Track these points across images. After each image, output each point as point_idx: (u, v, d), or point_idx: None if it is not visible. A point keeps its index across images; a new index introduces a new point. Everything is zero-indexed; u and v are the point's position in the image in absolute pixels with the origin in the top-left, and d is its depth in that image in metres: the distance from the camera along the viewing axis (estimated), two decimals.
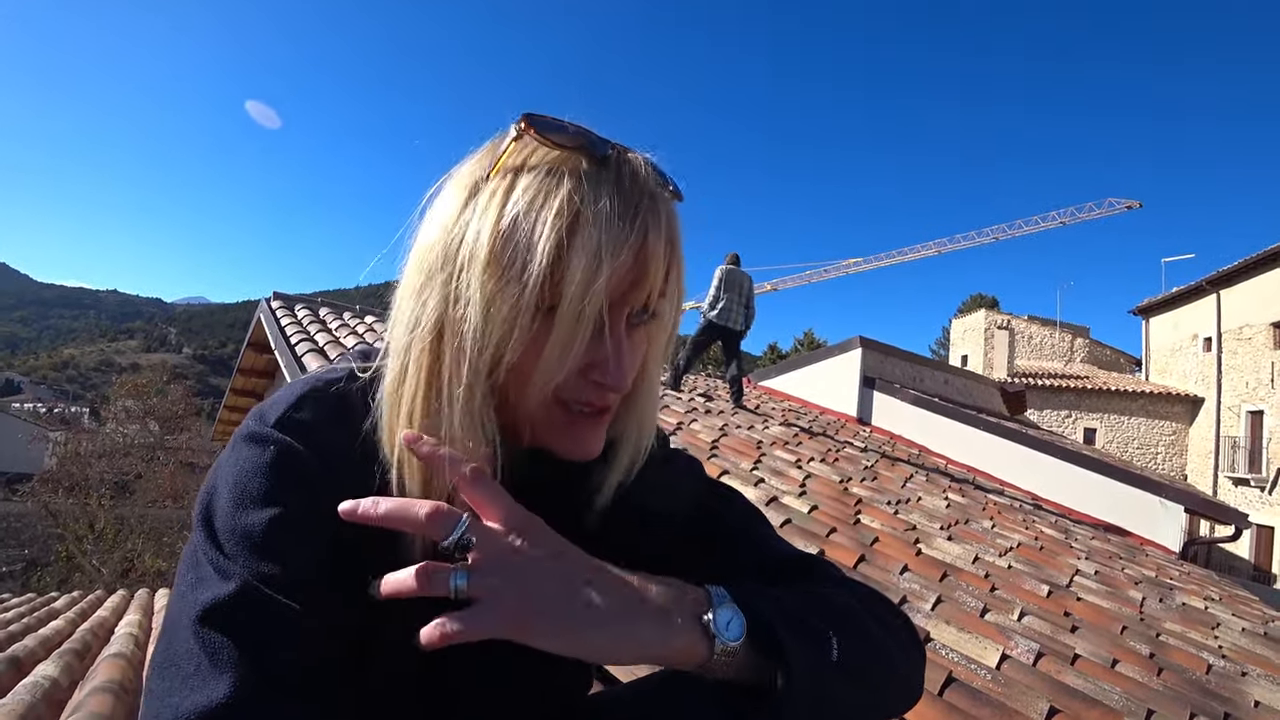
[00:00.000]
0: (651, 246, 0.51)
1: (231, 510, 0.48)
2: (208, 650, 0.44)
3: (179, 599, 0.47)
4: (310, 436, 0.52)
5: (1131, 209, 27.76)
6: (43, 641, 2.87)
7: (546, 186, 0.49)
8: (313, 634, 0.47)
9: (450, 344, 0.50)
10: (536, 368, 0.50)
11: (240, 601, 0.45)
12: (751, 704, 0.51)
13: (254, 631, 0.45)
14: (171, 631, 0.46)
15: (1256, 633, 3.25)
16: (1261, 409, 16.26)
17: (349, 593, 0.50)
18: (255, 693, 0.43)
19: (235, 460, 0.51)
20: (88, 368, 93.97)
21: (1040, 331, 22.92)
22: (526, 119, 0.50)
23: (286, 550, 0.48)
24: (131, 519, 15.36)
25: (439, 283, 0.51)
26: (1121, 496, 5.47)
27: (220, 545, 0.48)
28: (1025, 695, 1.73)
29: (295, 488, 0.50)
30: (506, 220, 0.48)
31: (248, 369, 6.26)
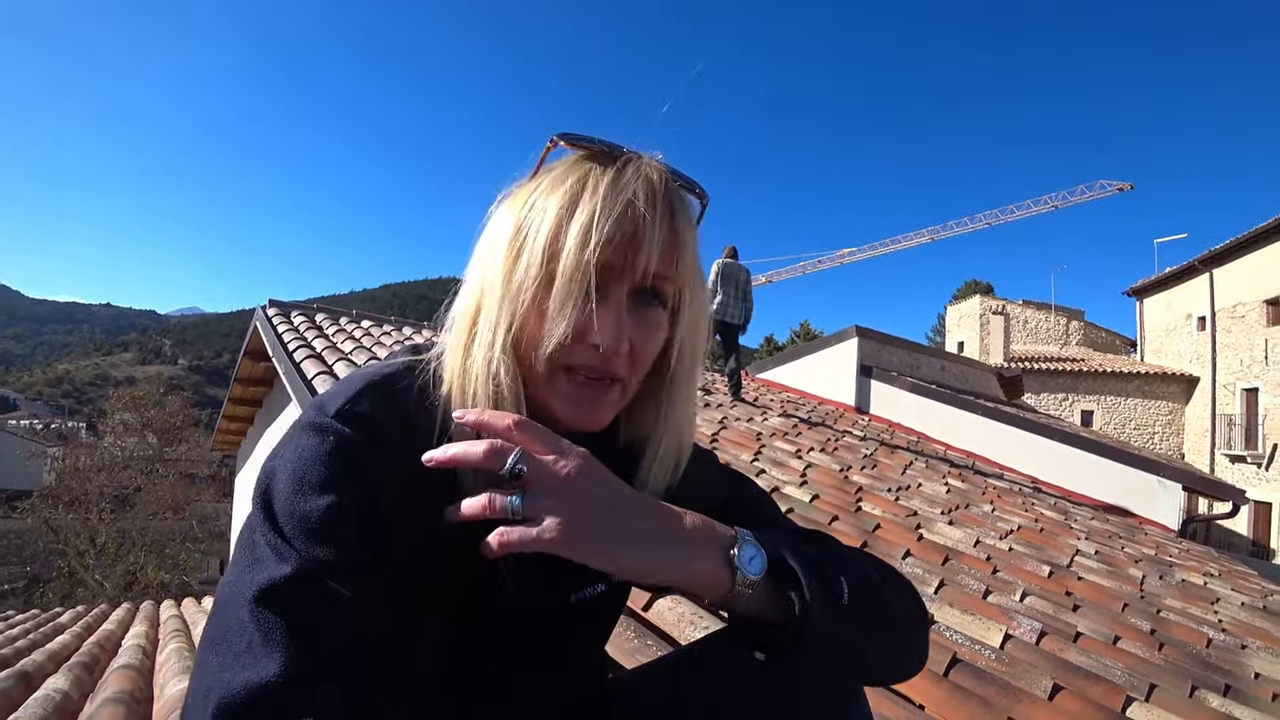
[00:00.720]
0: (643, 217, 0.56)
1: (290, 496, 0.50)
2: (262, 629, 0.45)
3: (235, 578, 0.49)
4: (368, 428, 0.54)
5: (1123, 191, 27.81)
6: (51, 656, 2.87)
7: (560, 179, 0.58)
8: (361, 620, 0.49)
9: (482, 320, 0.58)
10: (542, 330, 0.56)
11: (295, 584, 0.47)
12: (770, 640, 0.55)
13: (307, 614, 0.47)
14: (225, 609, 0.47)
15: (1255, 606, 3.28)
16: (1256, 386, 16.32)
17: (397, 579, 0.53)
18: (305, 673, 0.44)
19: (296, 448, 0.53)
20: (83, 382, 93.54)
21: (1035, 316, 22.97)
22: (558, 134, 0.59)
23: (341, 537, 0.50)
24: (133, 532, 15.33)
25: (477, 268, 0.60)
26: (1120, 477, 5.51)
27: (278, 529, 0.49)
28: (1029, 674, 1.75)
29: (352, 477, 0.52)
30: (525, 208, 0.58)
31: (245, 378, 6.25)
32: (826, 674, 0.60)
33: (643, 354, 0.60)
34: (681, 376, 0.65)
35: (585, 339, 0.56)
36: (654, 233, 0.56)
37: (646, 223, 0.55)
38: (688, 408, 0.68)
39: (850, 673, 0.61)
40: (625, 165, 0.57)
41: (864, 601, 0.57)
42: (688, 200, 0.62)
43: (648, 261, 0.56)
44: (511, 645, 0.63)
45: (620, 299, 0.57)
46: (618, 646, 1.37)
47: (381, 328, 5.57)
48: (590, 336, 0.56)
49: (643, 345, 0.59)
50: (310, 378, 3.57)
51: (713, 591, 0.54)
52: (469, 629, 0.60)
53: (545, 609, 0.65)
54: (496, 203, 0.62)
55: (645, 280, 0.57)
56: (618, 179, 0.56)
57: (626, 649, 1.36)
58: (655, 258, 0.56)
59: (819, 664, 0.57)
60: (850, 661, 0.59)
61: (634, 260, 0.56)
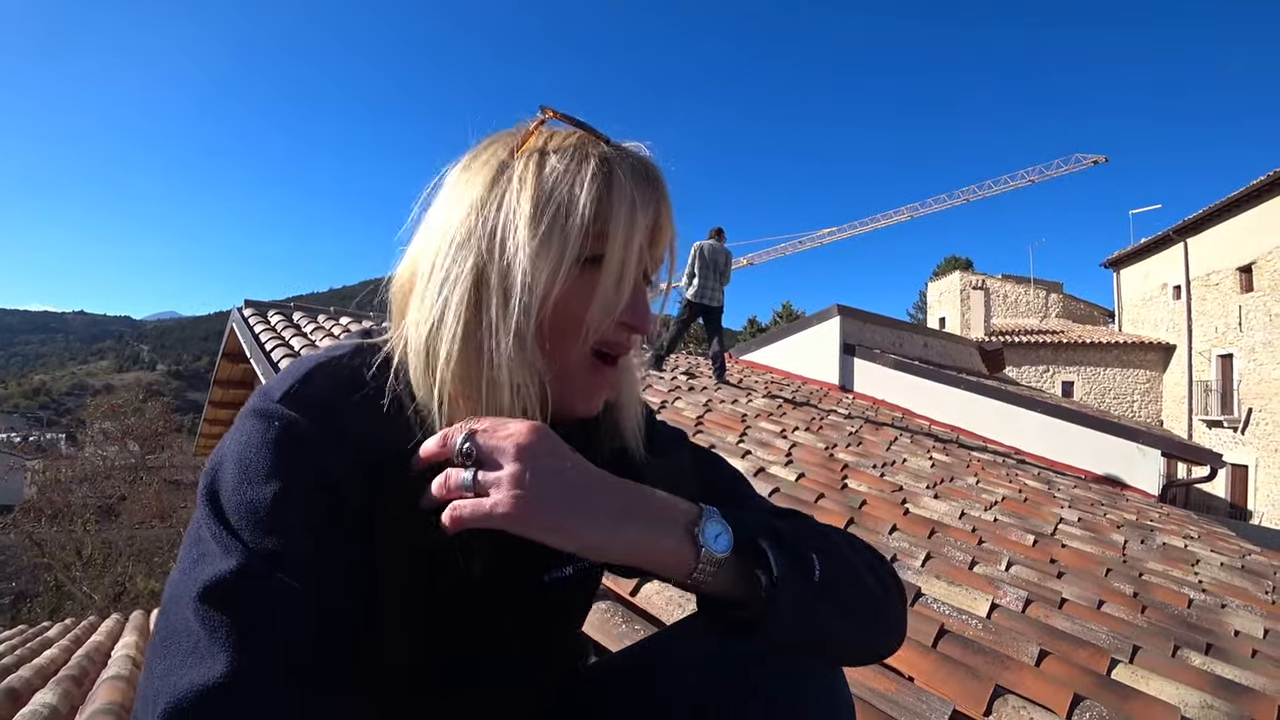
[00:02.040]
0: (667, 210, 0.60)
1: (235, 485, 0.49)
2: (207, 627, 0.43)
3: (181, 576, 0.47)
4: (317, 410, 0.52)
5: (1098, 164, 28.10)
6: (38, 671, 2.84)
7: (579, 156, 0.56)
8: (315, 611, 0.47)
9: (494, 299, 0.54)
10: (589, 312, 0.56)
11: (241, 578, 0.45)
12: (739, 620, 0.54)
13: (254, 609, 0.45)
14: (172, 609, 0.46)
15: (1234, 566, 3.36)
16: (1231, 352, 16.64)
17: (355, 566, 0.51)
18: (253, 670, 0.43)
19: (240, 436, 0.51)
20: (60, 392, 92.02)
21: (1015, 290, 23.22)
22: (546, 108, 0.58)
23: (291, 526, 0.48)
24: (119, 542, 15.15)
25: (475, 245, 0.55)
26: (1101, 445, 5.60)
27: (223, 521, 0.48)
28: (1016, 640, 1.78)
29: (300, 462, 0.50)
30: (547, 184, 0.55)
31: (225, 380, 6.17)
32: (801, 655, 0.58)
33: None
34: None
35: (617, 320, 0.58)
36: (671, 224, 0.61)
37: (668, 209, 0.60)
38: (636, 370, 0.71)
39: (825, 652, 0.59)
40: (628, 150, 0.59)
41: (838, 578, 0.56)
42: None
43: (659, 253, 0.61)
44: (481, 631, 0.62)
45: (640, 280, 0.60)
46: (606, 632, 1.37)
47: (360, 324, 5.51)
48: (625, 317, 0.58)
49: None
50: None
51: (677, 570, 0.53)
52: (435, 615, 0.59)
53: (514, 592, 0.63)
54: (469, 175, 0.58)
55: (656, 265, 0.62)
56: (636, 162, 0.58)
57: (615, 634, 1.35)
58: (666, 245, 0.62)
59: (792, 644, 0.55)
60: (825, 640, 0.57)
61: (659, 244, 0.61)
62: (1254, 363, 15.88)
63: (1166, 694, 1.66)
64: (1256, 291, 15.79)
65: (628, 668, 0.70)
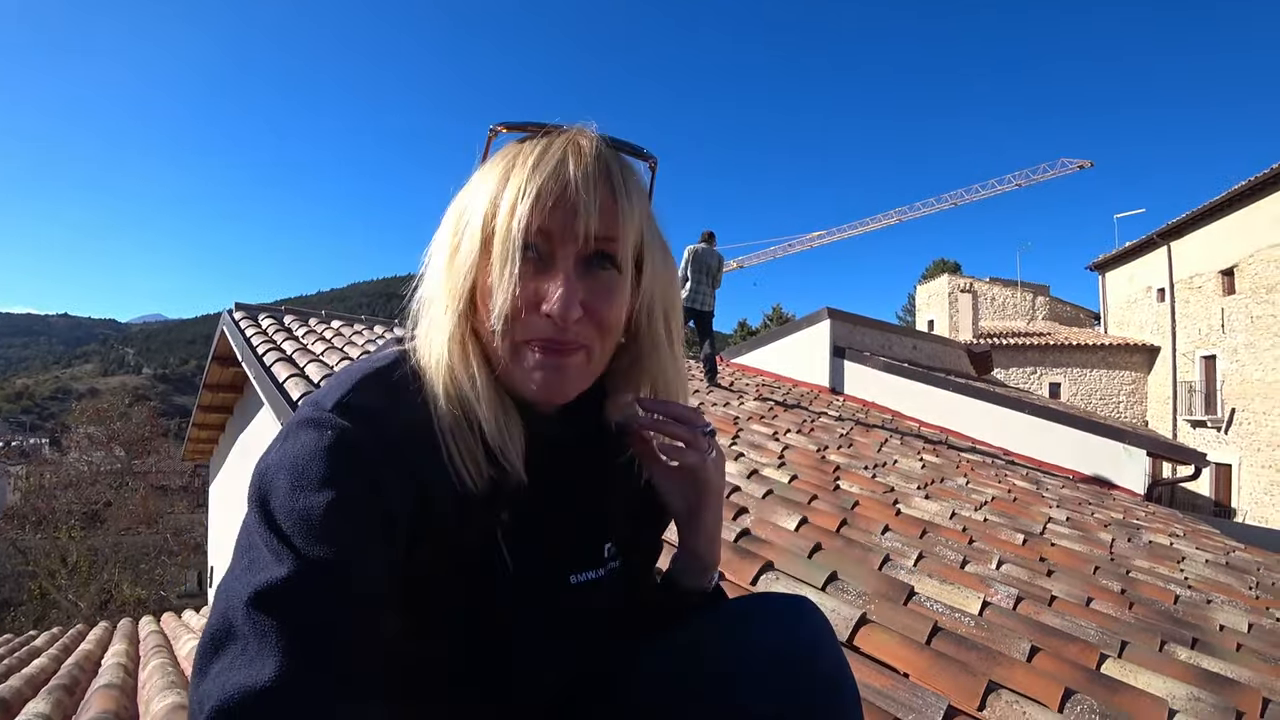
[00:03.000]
0: (574, 180, 0.56)
1: (288, 493, 0.49)
2: (257, 632, 0.44)
3: (232, 580, 0.48)
4: (368, 419, 0.54)
5: (1084, 168, 28.35)
6: (28, 680, 2.80)
7: (495, 161, 0.61)
8: (363, 619, 0.48)
9: (434, 306, 0.60)
10: (490, 302, 0.57)
11: (292, 585, 0.46)
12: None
13: (304, 615, 0.46)
14: (222, 611, 0.46)
15: (1219, 563, 3.41)
16: (1214, 353, 16.85)
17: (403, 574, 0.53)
18: (301, 677, 0.44)
19: (293, 444, 0.52)
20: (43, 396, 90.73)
21: (1002, 292, 23.40)
22: (497, 122, 0.62)
23: (342, 534, 0.49)
24: (105, 549, 14.97)
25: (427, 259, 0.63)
26: (1088, 446, 5.66)
27: (275, 528, 0.49)
28: (1007, 637, 1.80)
29: (352, 471, 0.51)
30: (467, 194, 0.61)
31: (214, 384, 6.12)
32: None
33: (605, 318, 0.60)
34: (658, 338, 0.67)
35: (538, 309, 0.57)
36: (589, 195, 0.56)
37: (579, 185, 0.56)
38: (673, 370, 0.69)
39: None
40: (555, 137, 0.59)
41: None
42: (629, 163, 0.62)
43: (587, 224, 0.56)
44: (514, 635, 0.63)
45: (568, 266, 0.57)
46: None
47: (352, 327, 5.50)
48: (543, 305, 0.57)
49: (602, 309, 0.59)
50: (282, 381, 3.52)
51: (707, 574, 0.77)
52: (473, 620, 0.61)
53: (544, 591, 0.65)
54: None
55: (589, 244, 0.57)
56: (546, 149, 0.58)
57: None
58: (595, 220, 0.57)
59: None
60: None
61: (572, 225, 0.56)
62: (1236, 364, 16.09)
63: (1154, 687, 1.69)
64: (1238, 294, 16.01)
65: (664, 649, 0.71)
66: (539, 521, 0.64)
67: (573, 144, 0.58)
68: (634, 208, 0.60)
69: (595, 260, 0.59)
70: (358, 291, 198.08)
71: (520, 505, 0.62)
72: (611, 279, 0.60)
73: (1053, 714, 1.41)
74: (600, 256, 0.59)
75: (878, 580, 2.01)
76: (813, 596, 1.74)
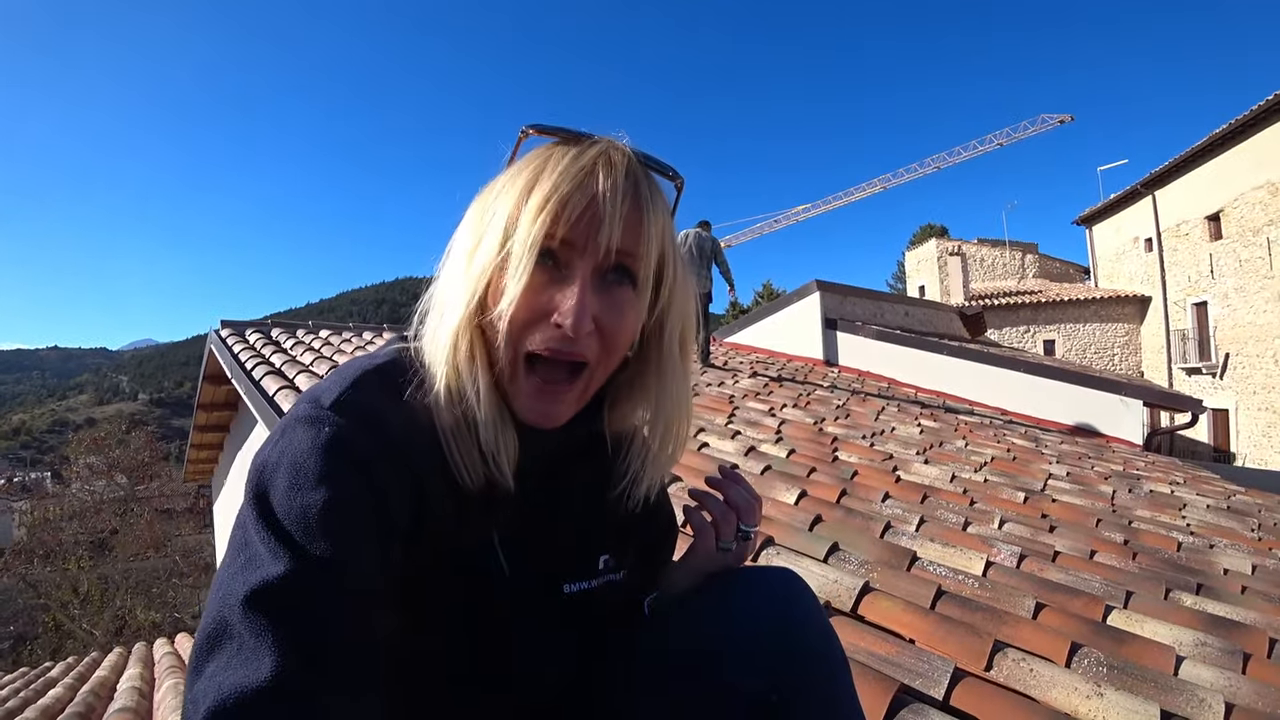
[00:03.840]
0: (603, 194, 0.55)
1: (286, 491, 0.49)
2: (253, 631, 0.44)
3: (228, 579, 0.47)
4: (367, 417, 0.53)
5: (1064, 123, 28.31)
6: (43, 711, 2.81)
7: (524, 164, 0.59)
8: (361, 619, 0.48)
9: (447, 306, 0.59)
10: (502, 307, 0.56)
11: (289, 584, 0.46)
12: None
13: (301, 615, 0.46)
14: (218, 610, 0.46)
15: (1220, 508, 3.43)
16: (1205, 300, 16.91)
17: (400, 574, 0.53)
18: (298, 674, 0.43)
19: (290, 440, 0.52)
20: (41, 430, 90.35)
21: (991, 253, 23.44)
22: (529, 125, 0.60)
23: (340, 533, 0.48)
24: (115, 576, 15.00)
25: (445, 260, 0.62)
26: (1085, 400, 5.68)
27: (273, 526, 0.48)
28: (1012, 596, 1.80)
29: (350, 470, 0.51)
30: (491, 196, 0.60)
31: (208, 404, 6.09)
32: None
33: (613, 335, 0.59)
34: (669, 355, 0.66)
35: (549, 318, 0.56)
36: (614, 209, 0.55)
37: (606, 199, 0.55)
38: (676, 388, 0.67)
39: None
40: (588, 147, 0.58)
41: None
42: (656, 181, 0.62)
43: (610, 238, 0.55)
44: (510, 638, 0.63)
45: (585, 277, 0.56)
46: None
47: (341, 336, 5.46)
48: (554, 315, 0.56)
49: (612, 325, 0.59)
50: (272, 394, 3.50)
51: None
52: (471, 621, 0.60)
53: (538, 597, 0.65)
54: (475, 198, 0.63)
55: (609, 258, 0.57)
56: (577, 158, 0.57)
57: None
58: (617, 234, 0.56)
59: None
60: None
61: (595, 237, 0.55)
62: (1228, 308, 16.16)
63: (1161, 635, 1.70)
64: (1225, 239, 16.04)
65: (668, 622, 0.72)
66: (533, 529, 0.65)
67: (604, 156, 0.57)
68: (658, 225, 0.59)
69: (612, 274, 0.58)
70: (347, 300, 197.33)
71: (516, 512, 0.62)
72: (626, 295, 0.59)
73: (1060, 669, 1.41)
74: (618, 271, 0.58)
75: (880, 548, 2.01)
76: (815, 568, 1.74)
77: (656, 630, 0.69)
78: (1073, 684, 1.34)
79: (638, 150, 0.61)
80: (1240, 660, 1.61)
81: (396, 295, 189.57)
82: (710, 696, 0.60)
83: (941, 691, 1.30)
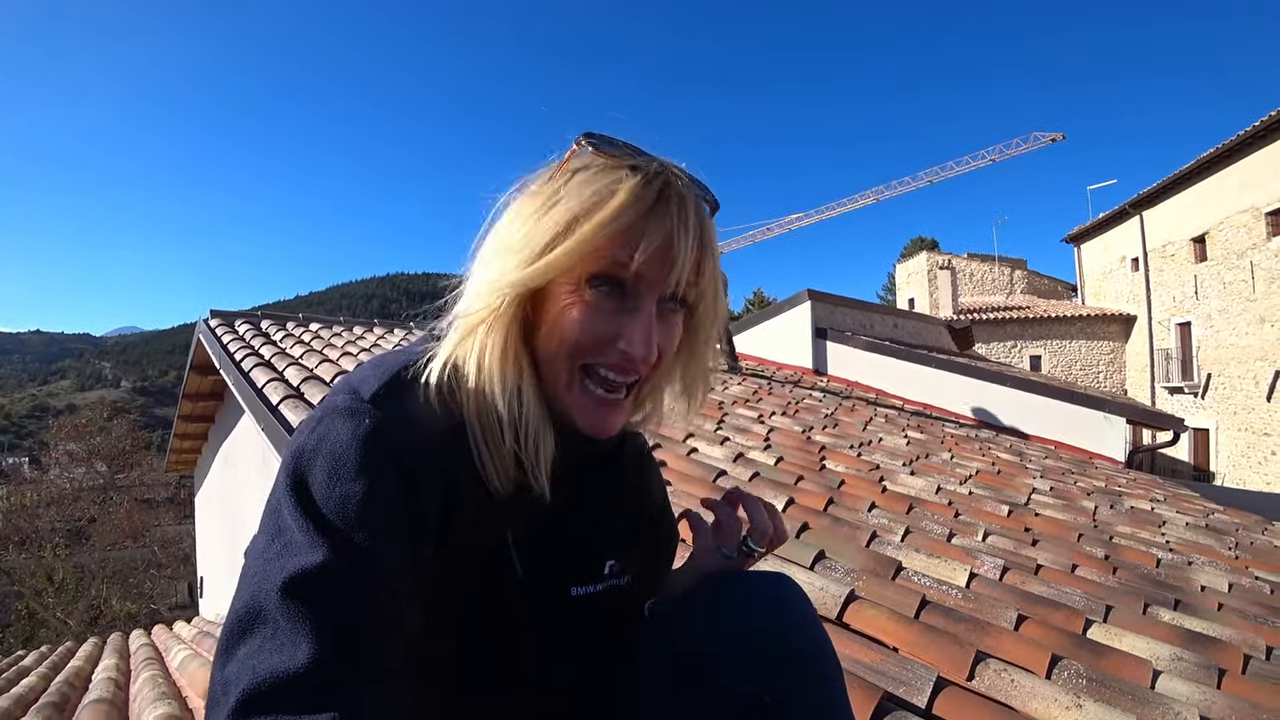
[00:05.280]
0: (677, 234, 0.58)
1: (326, 480, 0.50)
2: (289, 617, 0.45)
3: (262, 565, 0.48)
4: (404, 414, 0.54)
5: (1056, 141, 28.52)
6: (17, 700, 2.77)
7: (591, 180, 0.58)
8: (392, 609, 0.49)
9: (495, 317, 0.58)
10: (568, 330, 0.58)
11: (327, 572, 0.47)
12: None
13: (337, 603, 0.46)
14: (252, 594, 0.47)
15: (1199, 525, 3.48)
16: (1189, 320, 17.13)
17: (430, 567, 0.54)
18: (333, 662, 0.44)
19: (330, 430, 0.52)
20: (20, 415, 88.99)
21: (980, 268, 23.62)
22: (585, 135, 0.60)
23: (376, 525, 0.49)
24: (92, 565, 14.79)
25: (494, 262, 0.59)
26: (1069, 416, 5.74)
27: (312, 514, 0.49)
28: (995, 607, 1.82)
29: (387, 464, 0.52)
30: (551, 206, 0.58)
31: (193, 394, 6.03)
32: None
33: (666, 355, 0.63)
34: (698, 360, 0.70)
35: (615, 343, 0.59)
36: (686, 250, 0.58)
37: (679, 239, 0.57)
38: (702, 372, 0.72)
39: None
40: (658, 176, 0.59)
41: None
42: (706, 210, 0.63)
43: (680, 278, 0.59)
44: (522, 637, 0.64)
45: (651, 308, 0.59)
46: None
47: (331, 329, 5.44)
48: (620, 342, 0.58)
49: (667, 348, 0.62)
50: (261, 386, 3.47)
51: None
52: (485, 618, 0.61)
53: (547, 598, 0.66)
54: (510, 197, 0.62)
55: (677, 290, 0.60)
56: (647, 185, 0.57)
57: None
58: (686, 274, 0.59)
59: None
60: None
61: (667, 276, 0.58)
62: (1211, 329, 16.38)
63: (1139, 649, 1.72)
64: (1210, 261, 16.26)
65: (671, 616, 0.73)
66: (545, 531, 0.66)
67: (673, 189, 0.59)
68: (715, 261, 0.63)
69: (670, 302, 0.61)
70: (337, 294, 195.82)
71: (530, 514, 0.63)
72: (678, 320, 0.63)
73: (1041, 680, 1.43)
74: (674, 298, 0.61)
75: (865, 557, 2.03)
76: (801, 576, 1.75)
77: (653, 632, 0.70)
78: (1053, 695, 1.36)
79: (693, 177, 0.62)
80: (1216, 675, 1.63)
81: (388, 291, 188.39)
82: (705, 698, 0.61)
83: (924, 700, 1.31)
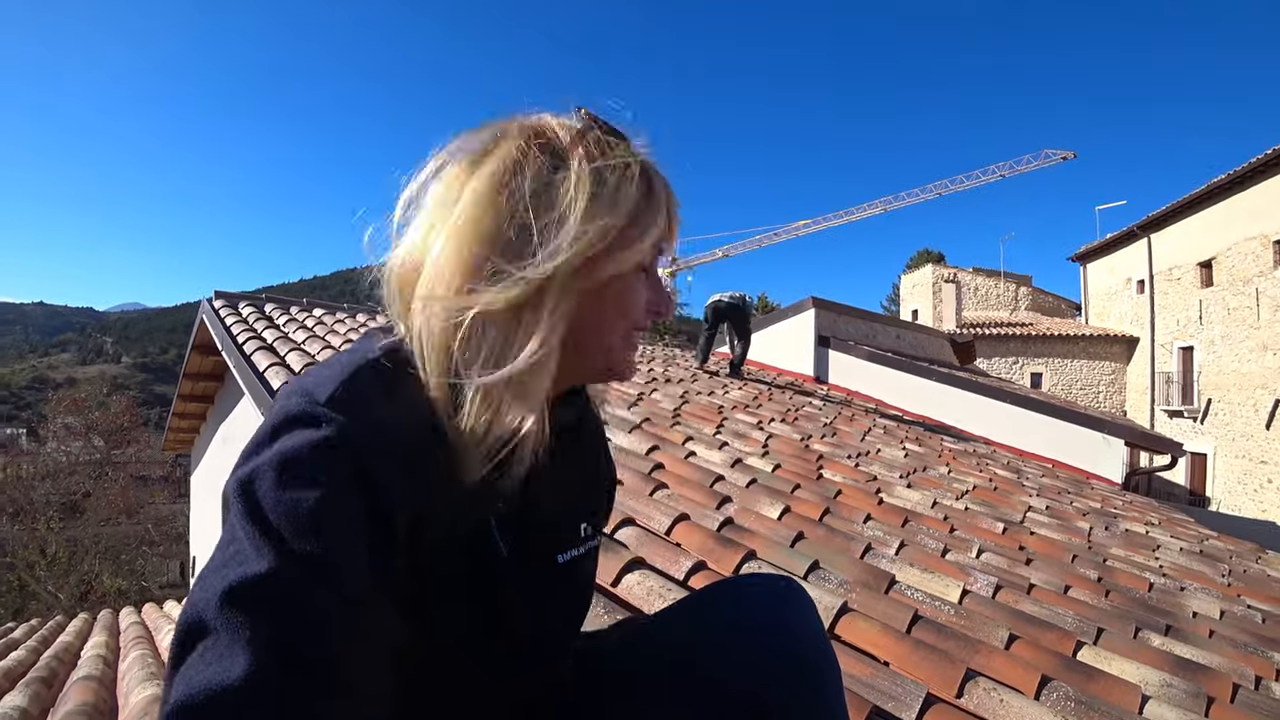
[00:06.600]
0: (677, 213, 0.67)
1: (275, 486, 0.47)
2: (229, 628, 0.43)
3: (210, 573, 0.46)
4: (362, 413, 0.52)
5: (1066, 159, 28.55)
6: (5, 673, 2.77)
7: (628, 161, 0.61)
8: (348, 617, 0.46)
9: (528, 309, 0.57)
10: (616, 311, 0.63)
11: (271, 581, 0.44)
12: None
13: (281, 613, 0.44)
14: (195, 605, 0.45)
15: (1193, 551, 3.48)
16: (1192, 345, 17.12)
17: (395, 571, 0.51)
18: (274, 675, 0.42)
19: (281, 435, 0.50)
20: (19, 386, 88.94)
21: (985, 283, 23.61)
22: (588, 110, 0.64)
23: (329, 531, 0.47)
24: (85, 540, 14.81)
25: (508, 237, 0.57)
26: (1067, 435, 5.74)
27: (259, 521, 0.47)
28: (986, 625, 1.82)
29: (344, 466, 0.49)
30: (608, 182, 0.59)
31: (194, 373, 6.04)
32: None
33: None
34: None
35: (655, 307, 0.67)
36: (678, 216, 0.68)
37: (677, 221, 0.68)
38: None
39: None
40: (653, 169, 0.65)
41: None
42: None
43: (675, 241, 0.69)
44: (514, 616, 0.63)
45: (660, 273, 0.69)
46: (587, 622, 1.38)
47: (335, 315, 5.43)
48: (653, 307, 0.67)
49: None
50: (262, 370, 3.48)
51: None
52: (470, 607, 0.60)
53: (536, 571, 0.66)
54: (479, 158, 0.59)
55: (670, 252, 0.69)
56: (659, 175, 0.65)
57: (596, 625, 1.37)
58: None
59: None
60: None
61: (670, 248, 0.68)
62: (1213, 355, 16.37)
63: (1128, 674, 1.72)
64: (1216, 286, 16.26)
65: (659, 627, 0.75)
66: (532, 506, 0.64)
67: (662, 176, 0.66)
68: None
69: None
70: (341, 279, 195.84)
71: (515, 493, 0.61)
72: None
73: (1029, 701, 1.43)
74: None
75: (859, 569, 2.03)
76: None
77: (656, 631, 0.70)
78: (1041, 716, 1.36)
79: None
80: (1204, 703, 1.63)
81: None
82: (705, 698, 0.62)
83: (913, 716, 1.31)
